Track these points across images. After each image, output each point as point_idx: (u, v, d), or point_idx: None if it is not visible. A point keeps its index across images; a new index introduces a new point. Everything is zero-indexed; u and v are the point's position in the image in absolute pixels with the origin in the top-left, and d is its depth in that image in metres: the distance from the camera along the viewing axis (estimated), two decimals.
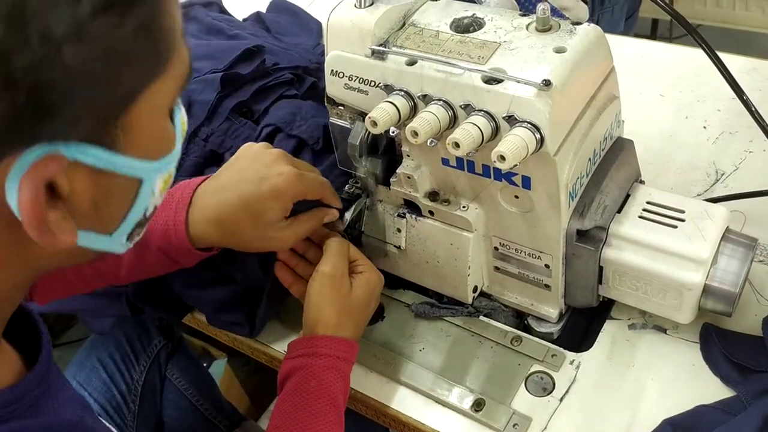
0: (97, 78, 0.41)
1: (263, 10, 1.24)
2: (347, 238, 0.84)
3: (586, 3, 1.32)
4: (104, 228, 0.49)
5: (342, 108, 0.76)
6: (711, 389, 0.71)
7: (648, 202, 0.73)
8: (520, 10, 0.84)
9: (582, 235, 0.71)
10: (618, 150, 0.75)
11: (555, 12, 1.20)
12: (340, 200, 0.80)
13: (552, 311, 0.79)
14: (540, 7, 0.65)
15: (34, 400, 0.50)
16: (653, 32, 2.33)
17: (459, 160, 0.70)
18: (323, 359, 0.71)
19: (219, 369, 1.54)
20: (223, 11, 1.22)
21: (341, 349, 0.72)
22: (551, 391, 0.74)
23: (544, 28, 0.66)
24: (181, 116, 0.53)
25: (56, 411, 0.53)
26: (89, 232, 0.48)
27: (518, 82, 0.62)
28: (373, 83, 0.70)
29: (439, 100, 0.65)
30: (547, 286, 0.77)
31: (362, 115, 0.74)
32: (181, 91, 0.50)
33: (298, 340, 0.74)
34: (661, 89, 1.07)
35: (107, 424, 0.63)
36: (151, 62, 0.45)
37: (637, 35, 1.64)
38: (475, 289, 0.80)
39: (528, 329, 0.81)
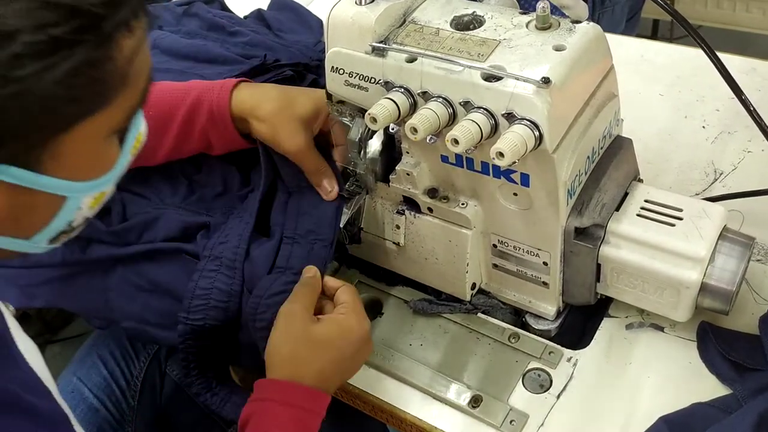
0: (25, 113, 0.42)
1: (264, 7, 1.25)
2: (346, 235, 0.85)
3: (586, 2, 1.32)
4: (22, 234, 0.50)
5: (342, 105, 0.76)
6: (707, 387, 0.72)
7: (646, 201, 0.74)
8: (520, 8, 0.85)
9: (580, 232, 0.72)
10: (617, 148, 0.76)
11: (555, 10, 1.21)
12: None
13: (550, 308, 0.79)
14: (540, 5, 0.66)
15: None
16: (654, 32, 2.33)
17: (458, 157, 0.70)
18: (274, 405, 0.65)
19: None
20: (225, 8, 1.22)
21: (295, 397, 0.66)
22: (548, 388, 0.74)
23: (544, 26, 0.66)
24: (139, 132, 0.53)
25: None
26: (5, 237, 0.49)
27: (517, 79, 0.62)
28: (373, 80, 0.70)
29: (439, 97, 0.65)
30: (545, 284, 0.77)
31: (362, 111, 0.74)
32: (134, 114, 0.51)
33: (259, 382, 0.69)
34: (661, 89, 1.07)
35: (108, 415, 0.62)
36: (88, 101, 0.45)
37: (637, 35, 1.65)
38: (473, 286, 0.81)
39: (526, 326, 0.81)
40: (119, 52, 0.46)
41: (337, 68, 0.72)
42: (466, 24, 0.70)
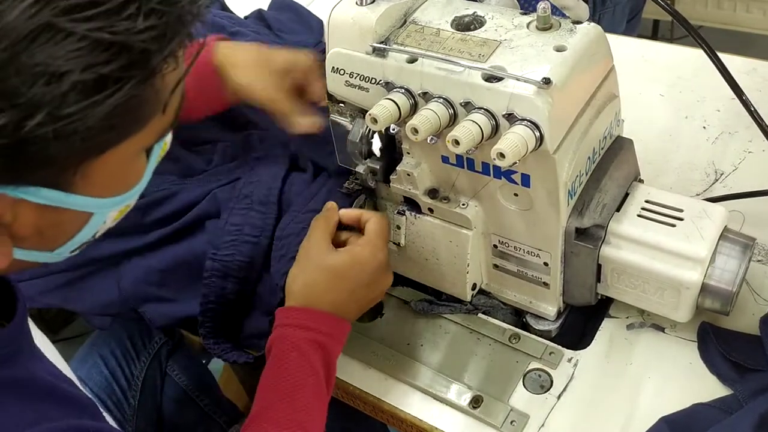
0: (64, 144, 0.42)
1: (265, 7, 1.25)
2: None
3: (587, 2, 1.32)
4: (46, 247, 0.50)
5: (343, 105, 0.76)
6: (708, 388, 0.72)
7: (647, 201, 0.74)
8: (521, 9, 0.85)
9: (581, 233, 0.72)
10: (617, 149, 0.76)
11: (555, 11, 1.21)
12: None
13: (550, 309, 0.79)
14: (540, 5, 0.66)
15: (7, 356, 0.51)
16: (654, 33, 2.33)
17: (459, 157, 0.70)
18: (292, 330, 0.69)
19: (218, 366, 1.55)
20: (225, 8, 1.22)
21: (311, 320, 0.69)
22: (549, 389, 0.74)
23: (545, 27, 0.66)
24: (164, 141, 0.53)
25: (29, 369, 0.53)
26: (29, 250, 0.49)
27: (518, 80, 0.62)
28: (373, 80, 0.70)
29: (440, 97, 0.65)
30: (545, 284, 0.77)
31: (363, 112, 0.74)
32: (167, 133, 0.51)
33: (279, 310, 0.73)
34: (661, 89, 1.07)
35: (109, 418, 0.63)
36: (124, 128, 0.45)
37: (638, 35, 1.65)
38: (474, 287, 0.81)
39: (526, 327, 0.81)
40: (163, 83, 0.46)
41: (337, 69, 0.72)
42: (466, 24, 0.70)
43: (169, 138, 0.55)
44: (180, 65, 0.47)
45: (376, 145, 0.80)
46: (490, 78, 0.63)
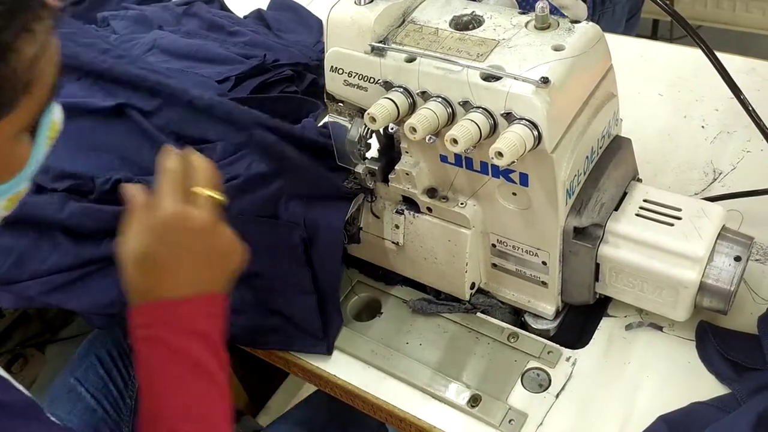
0: None
1: (264, 7, 1.25)
2: (346, 234, 0.85)
3: (585, 2, 1.32)
4: None
5: (341, 105, 0.76)
6: (706, 387, 0.72)
7: (645, 200, 0.74)
8: (519, 8, 0.85)
9: (579, 232, 0.72)
10: (616, 148, 0.76)
11: (554, 10, 1.21)
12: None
13: (549, 308, 0.79)
14: (539, 5, 0.66)
15: None
16: (654, 33, 2.33)
17: (457, 156, 0.70)
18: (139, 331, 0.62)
19: None
20: (224, 8, 1.22)
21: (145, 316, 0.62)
22: (547, 388, 0.74)
23: (543, 26, 0.66)
24: (53, 122, 0.50)
25: None
26: None
27: (516, 79, 0.62)
28: (372, 80, 0.70)
29: (438, 96, 0.66)
30: (544, 283, 0.77)
31: (361, 111, 0.74)
32: (43, 111, 0.48)
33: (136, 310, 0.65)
34: (660, 89, 1.07)
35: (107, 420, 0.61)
36: None
37: (637, 35, 1.65)
38: (472, 286, 0.81)
39: (525, 326, 0.81)
40: (20, 58, 0.43)
41: (336, 68, 0.72)
42: (465, 24, 0.70)
43: (58, 117, 0.52)
44: (38, 39, 0.44)
45: (374, 144, 0.80)
46: (489, 77, 0.63)
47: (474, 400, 0.74)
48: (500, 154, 0.59)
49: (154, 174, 0.90)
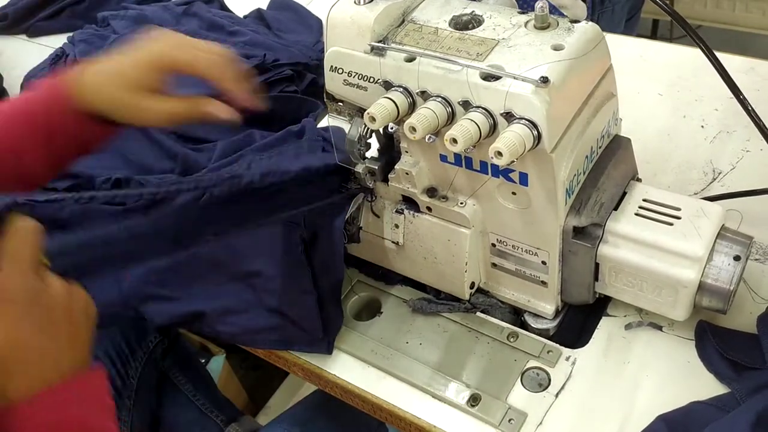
0: None
1: (264, 7, 1.25)
2: (346, 234, 0.85)
3: (585, 2, 1.32)
4: None
5: (341, 104, 0.76)
6: (705, 386, 0.72)
7: (644, 200, 0.74)
8: (519, 8, 0.85)
9: (579, 232, 0.72)
10: (615, 148, 0.76)
11: (553, 10, 1.21)
12: (246, 90, 0.69)
13: (548, 308, 0.79)
14: (538, 4, 0.66)
15: None
16: (653, 32, 2.33)
17: (457, 156, 0.70)
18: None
19: (218, 365, 1.55)
20: (224, 8, 1.23)
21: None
22: (547, 387, 0.74)
23: (543, 26, 0.67)
24: None
25: None
26: None
27: (516, 79, 0.62)
28: (372, 79, 0.70)
29: (438, 96, 0.66)
30: (543, 283, 0.77)
31: (361, 111, 0.74)
32: None
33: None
34: (660, 88, 1.07)
35: None
36: None
37: (637, 35, 1.65)
38: (472, 286, 0.81)
39: (524, 325, 0.81)
40: None
41: (336, 68, 0.73)
42: (464, 23, 0.70)
43: None
44: None
45: (374, 144, 0.81)
46: (488, 77, 0.63)
47: (474, 400, 0.74)
48: (500, 154, 0.59)
49: (154, 174, 0.91)
